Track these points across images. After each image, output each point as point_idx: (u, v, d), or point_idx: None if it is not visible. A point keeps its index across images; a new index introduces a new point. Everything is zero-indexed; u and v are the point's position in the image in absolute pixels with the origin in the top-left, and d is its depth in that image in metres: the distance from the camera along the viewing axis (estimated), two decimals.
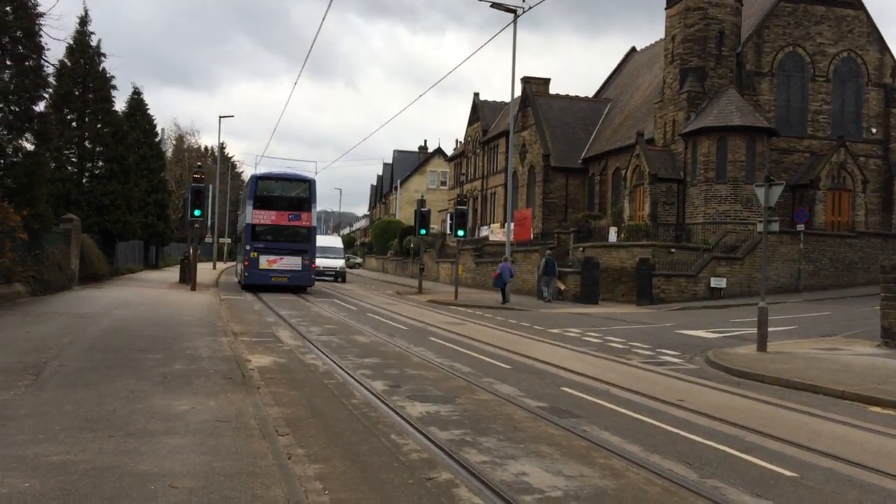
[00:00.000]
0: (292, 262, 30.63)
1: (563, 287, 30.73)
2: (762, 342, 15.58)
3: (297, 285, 31.14)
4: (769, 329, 16.03)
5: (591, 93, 55.92)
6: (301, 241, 30.98)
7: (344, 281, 44.97)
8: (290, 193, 31.68)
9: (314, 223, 31.89)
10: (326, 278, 43.88)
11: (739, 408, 10.26)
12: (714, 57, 35.30)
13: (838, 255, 33.79)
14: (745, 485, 6.65)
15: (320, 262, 40.19)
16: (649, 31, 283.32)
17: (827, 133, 36.95)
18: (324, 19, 38.05)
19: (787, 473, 7.08)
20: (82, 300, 20.45)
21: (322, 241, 44.84)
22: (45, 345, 11.72)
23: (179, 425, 7.15)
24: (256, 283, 30.54)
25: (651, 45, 51.97)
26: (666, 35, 37.79)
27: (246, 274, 31.18)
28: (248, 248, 30.76)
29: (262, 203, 30.74)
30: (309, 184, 32.16)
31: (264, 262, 30.41)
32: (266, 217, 30.73)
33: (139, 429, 6.94)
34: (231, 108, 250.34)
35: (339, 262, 46.20)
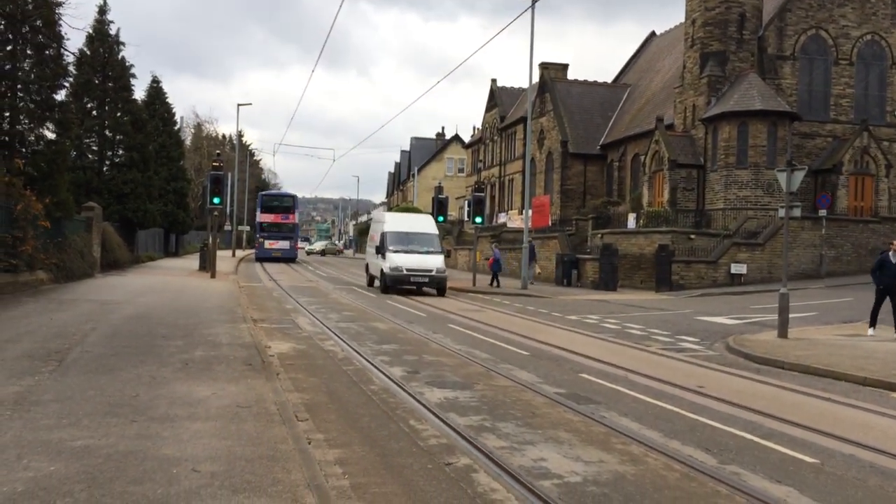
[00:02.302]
0: (283, 244, 49.51)
1: (538, 271, 34.74)
2: (783, 328, 15.46)
3: (287, 257, 49.26)
4: (790, 315, 15.90)
5: (603, 78, 55.53)
6: (288, 232, 50.49)
7: (443, 293, 25.67)
8: (281, 204, 51.39)
9: (296, 220, 53.78)
10: (411, 286, 25.94)
11: (760, 394, 10.20)
12: (735, 40, 34.86)
13: (861, 241, 33.37)
14: (765, 471, 6.62)
15: (403, 261, 25.59)
16: (661, 16, 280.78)
17: (850, 117, 36.43)
18: (339, 9, 37.67)
19: (809, 460, 7.03)
20: (104, 287, 20.66)
21: (400, 222, 28.64)
22: (67, 331, 11.86)
23: (201, 411, 7.21)
24: (263, 257, 48.55)
25: (671, 29, 51.41)
26: (686, 18, 37.36)
27: (257, 252, 50.32)
28: (257, 236, 51.24)
29: (265, 209, 50.24)
30: (293, 197, 53.65)
31: (267, 244, 49.26)
32: (267, 218, 49.89)
33: (161, 414, 7.01)
34: (244, 97, 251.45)
35: (435, 261, 26.05)
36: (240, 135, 76.22)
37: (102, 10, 31.71)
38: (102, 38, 31.54)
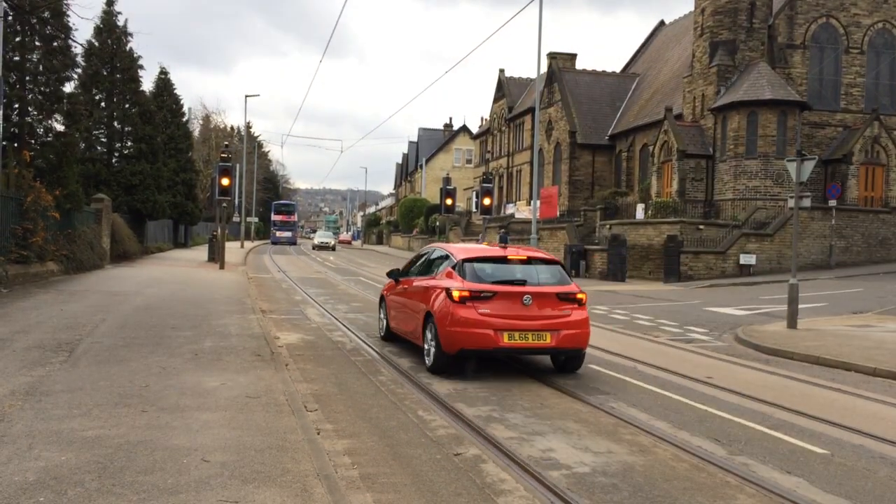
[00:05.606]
0: (288, 234, 73.38)
1: None
2: (792, 319, 15.41)
3: (290, 242, 71.90)
4: (800, 306, 15.84)
5: (604, 66, 55.22)
6: (290, 227, 75.50)
7: None
8: (287, 209, 77.02)
9: (296, 219, 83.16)
10: None
11: (769, 385, 10.17)
12: (745, 29, 34.62)
13: (871, 231, 33.21)
14: (774, 462, 6.60)
15: None
16: (662, 4, 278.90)
17: (860, 106, 36.16)
18: (345, 5, 37.46)
19: (818, 451, 7.02)
20: (114, 279, 20.75)
21: None
22: (78, 322, 11.92)
23: (210, 401, 7.25)
24: (275, 242, 70.88)
25: (680, 19, 51.14)
26: (695, 7, 37.12)
27: (271, 239, 73.79)
28: (272, 229, 75.78)
29: (276, 212, 75.51)
30: (294, 204, 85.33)
31: (278, 234, 72.94)
32: (278, 217, 74.69)
33: (171, 404, 7.04)
34: (247, 88, 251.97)
35: None
36: (248, 126, 76.57)
37: (110, 2, 31.68)
38: (110, 30, 31.53)
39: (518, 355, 10.90)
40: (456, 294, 9.60)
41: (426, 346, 10.27)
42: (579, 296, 9.96)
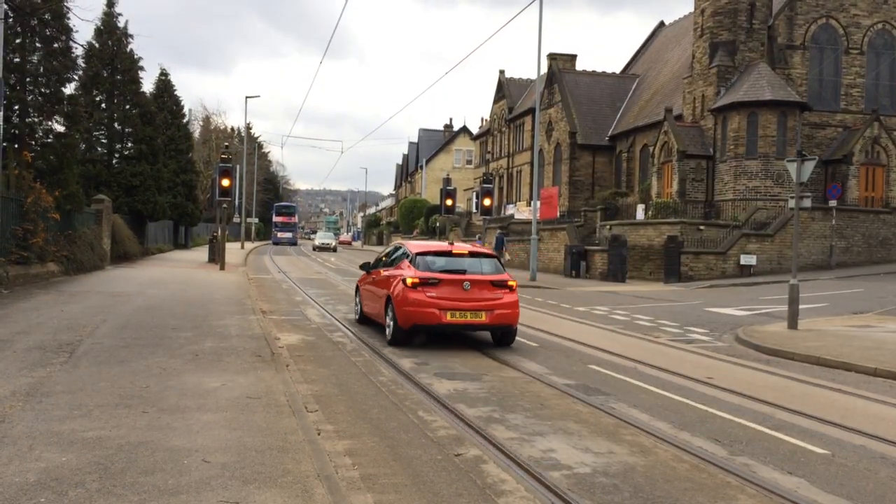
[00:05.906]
0: (288, 235, 74.81)
1: (507, 258, 35.37)
2: (793, 319, 15.40)
3: (291, 243, 73.17)
4: (800, 306, 15.83)
5: (606, 67, 55.22)
6: (291, 228, 77.03)
7: None
8: (288, 210, 78.99)
9: (297, 220, 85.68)
10: None
11: (770, 385, 10.17)
12: (745, 30, 34.62)
13: (871, 232, 33.20)
14: (775, 462, 6.60)
15: None
16: (661, 5, 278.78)
17: (861, 107, 36.16)
18: (345, 6, 36.91)
19: (819, 451, 7.01)
20: (114, 279, 20.75)
21: None
22: (79, 323, 11.92)
23: (211, 402, 7.25)
24: (276, 242, 72.47)
25: (680, 19, 51.17)
26: (695, 8, 37.12)
27: (272, 239, 75.42)
28: (273, 230, 77.21)
29: (277, 214, 77.48)
30: (294, 206, 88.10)
31: (279, 235, 74.40)
32: (279, 219, 76.48)
33: (172, 405, 7.04)
34: (247, 89, 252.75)
35: None
36: (248, 127, 76.77)
37: (111, 3, 31.69)
38: (111, 31, 31.54)
39: (461, 330, 12.62)
40: (409, 281, 11.80)
41: (388, 322, 12.37)
42: (510, 283, 12.13)
